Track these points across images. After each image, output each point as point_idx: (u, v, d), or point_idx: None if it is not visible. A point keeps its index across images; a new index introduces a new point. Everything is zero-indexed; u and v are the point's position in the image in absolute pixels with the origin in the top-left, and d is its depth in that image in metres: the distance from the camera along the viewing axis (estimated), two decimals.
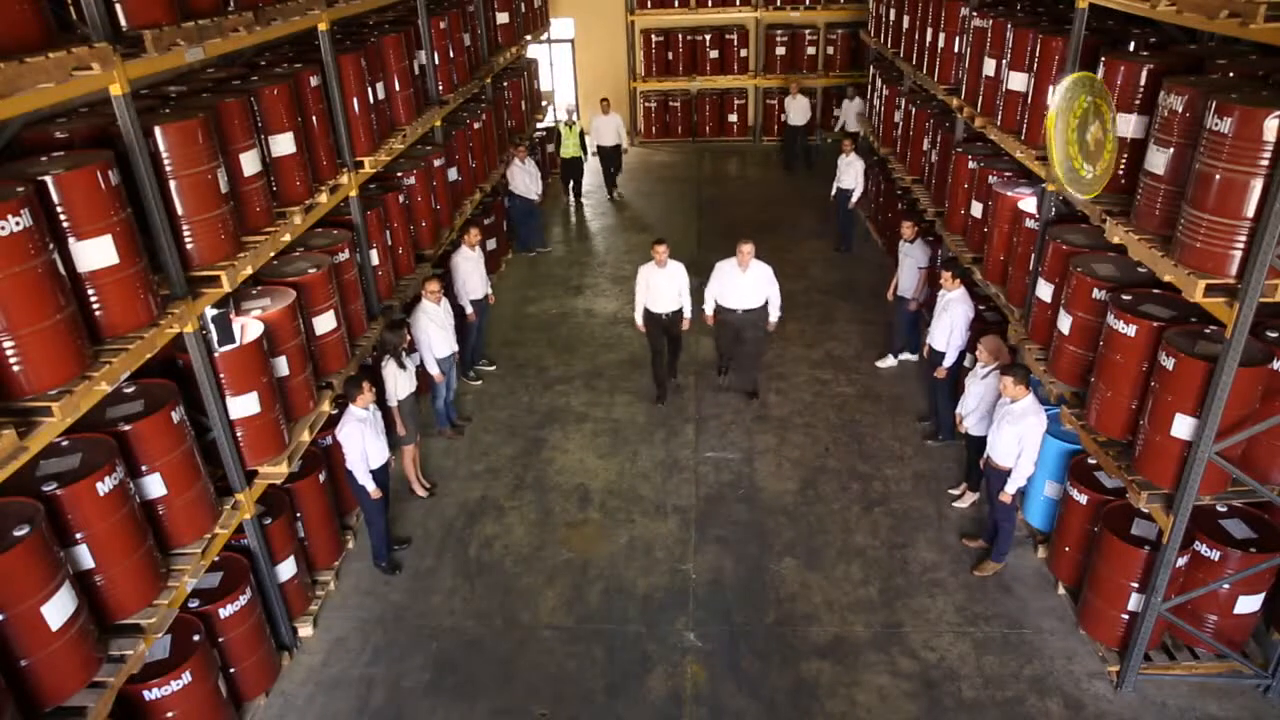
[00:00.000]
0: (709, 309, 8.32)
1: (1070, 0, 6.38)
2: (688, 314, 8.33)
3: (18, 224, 3.66)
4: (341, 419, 6.24)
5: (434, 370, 7.77)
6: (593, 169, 14.91)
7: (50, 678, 3.95)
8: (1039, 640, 5.89)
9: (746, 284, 8.04)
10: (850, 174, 11.47)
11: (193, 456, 4.91)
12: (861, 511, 7.16)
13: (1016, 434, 5.91)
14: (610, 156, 14.38)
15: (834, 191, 11.85)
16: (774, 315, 8.30)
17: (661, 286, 8.13)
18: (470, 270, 8.75)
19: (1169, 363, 4.88)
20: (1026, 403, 5.92)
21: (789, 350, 9.55)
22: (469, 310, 8.82)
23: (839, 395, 8.77)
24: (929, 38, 9.73)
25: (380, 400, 6.70)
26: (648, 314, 8.31)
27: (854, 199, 11.63)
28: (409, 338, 7.31)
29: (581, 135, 13.97)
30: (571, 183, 14.53)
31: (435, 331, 7.66)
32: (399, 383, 6.99)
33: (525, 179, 12.00)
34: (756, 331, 8.30)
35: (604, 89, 17.53)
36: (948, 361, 7.51)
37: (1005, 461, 6.04)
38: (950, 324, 7.40)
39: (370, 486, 6.25)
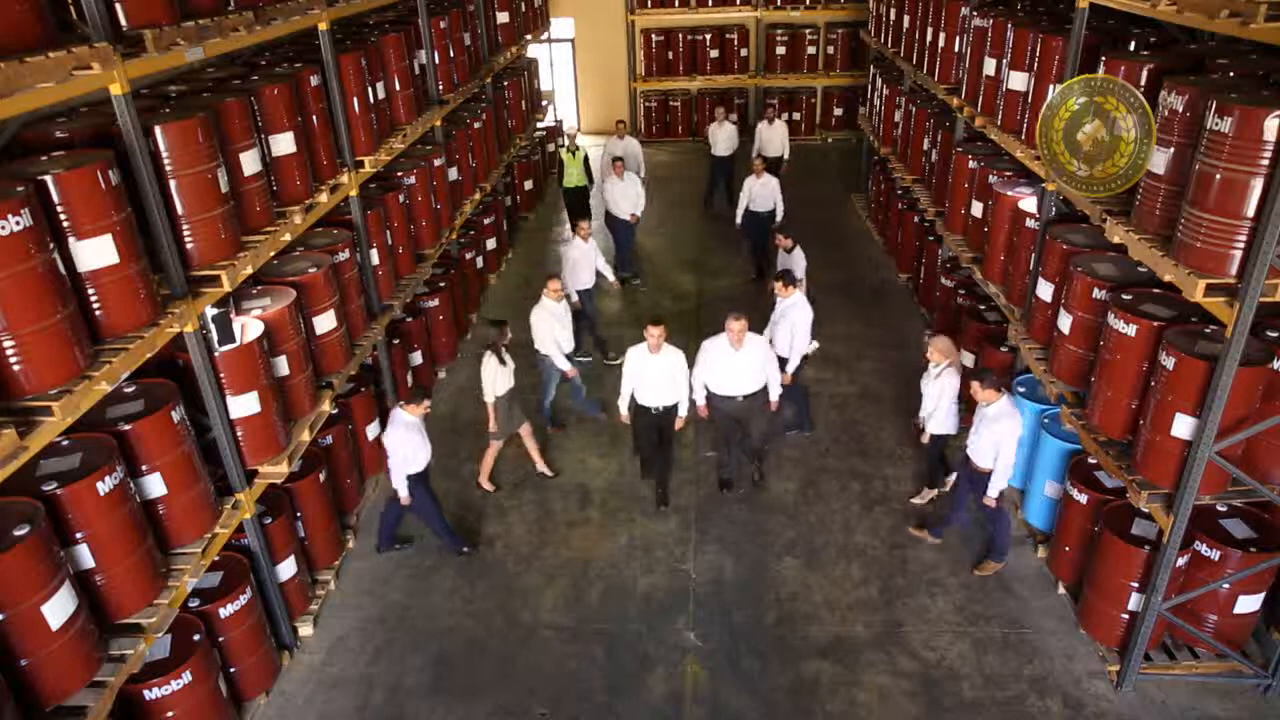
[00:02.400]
0: (699, 398, 6.98)
1: (1070, 0, 6.38)
2: (684, 410, 6.94)
3: (18, 223, 3.66)
4: (389, 422, 6.28)
5: (565, 365, 7.77)
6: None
7: (50, 677, 3.95)
8: (1039, 640, 5.89)
9: (742, 366, 6.70)
10: (765, 196, 10.60)
11: (193, 456, 4.91)
12: (861, 511, 7.16)
13: (993, 436, 5.94)
14: None
15: (739, 218, 10.85)
16: (774, 393, 6.96)
17: (654, 376, 6.77)
18: (581, 261, 8.94)
19: (1169, 362, 4.88)
20: (1001, 405, 5.95)
21: None
22: (574, 299, 8.89)
23: (839, 395, 8.76)
24: (929, 37, 9.72)
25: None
26: (636, 407, 6.98)
27: (779, 219, 10.65)
28: (509, 335, 7.21)
29: (586, 161, 12.16)
30: (575, 215, 11.71)
31: (558, 329, 7.65)
32: (498, 379, 7.00)
33: (617, 196, 10.89)
34: (762, 419, 7.09)
35: (604, 89, 17.57)
36: (791, 366, 7.47)
37: (984, 463, 6.08)
38: (791, 329, 7.43)
39: (403, 493, 6.31)
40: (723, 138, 13.25)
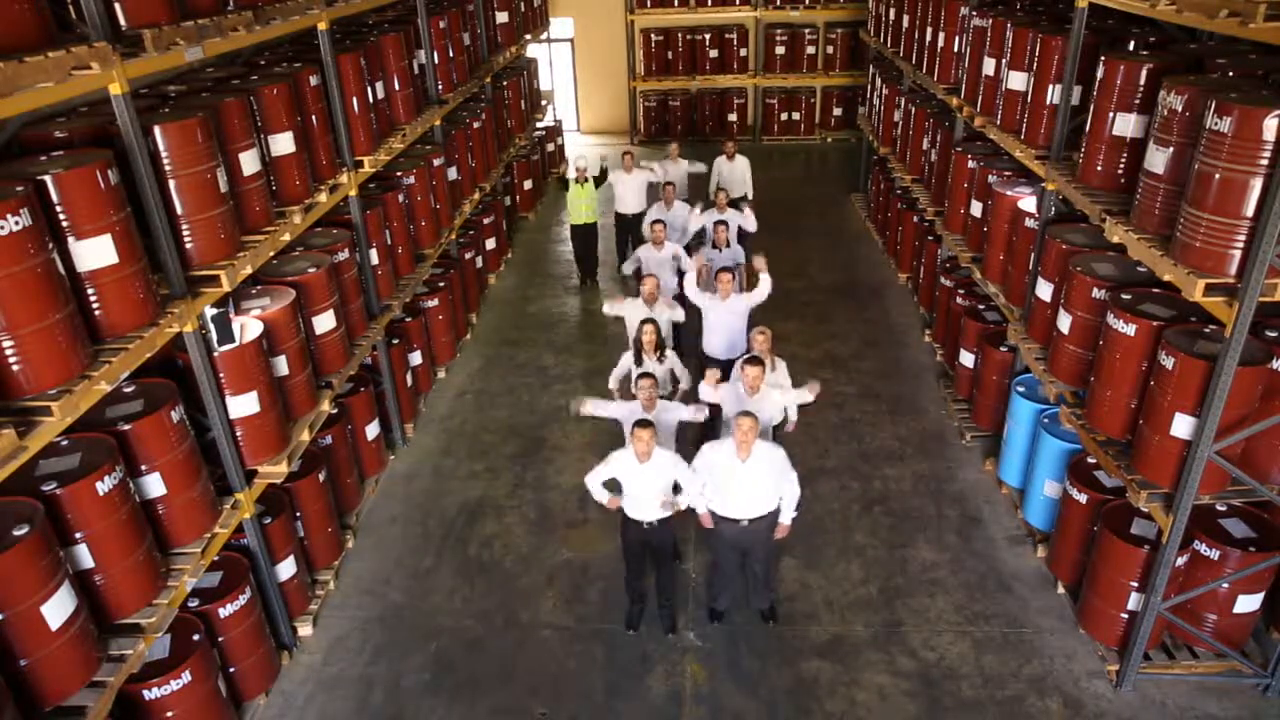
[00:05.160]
0: (700, 508, 5.73)
1: (1070, 0, 6.38)
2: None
3: (17, 223, 3.66)
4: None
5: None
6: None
7: (50, 677, 3.95)
8: (1039, 639, 5.89)
9: (750, 481, 5.49)
10: (727, 253, 8.76)
11: (192, 456, 4.91)
12: (861, 511, 7.16)
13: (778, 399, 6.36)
14: (630, 227, 10.85)
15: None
16: (787, 515, 5.72)
17: (643, 486, 5.61)
18: (654, 266, 8.64)
19: (1168, 362, 4.88)
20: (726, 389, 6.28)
21: (788, 350, 9.53)
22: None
23: (839, 395, 8.76)
24: (929, 37, 9.73)
25: None
26: (626, 521, 5.84)
27: (741, 260, 8.90)
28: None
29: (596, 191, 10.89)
30: (584, 261, 11.34)
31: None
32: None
33: (669, 223, 9.31)
34: (769, 546, 5.84)
35: (604, 89, 17.57)
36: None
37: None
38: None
39: None
40: (676, 177, 10.81)
